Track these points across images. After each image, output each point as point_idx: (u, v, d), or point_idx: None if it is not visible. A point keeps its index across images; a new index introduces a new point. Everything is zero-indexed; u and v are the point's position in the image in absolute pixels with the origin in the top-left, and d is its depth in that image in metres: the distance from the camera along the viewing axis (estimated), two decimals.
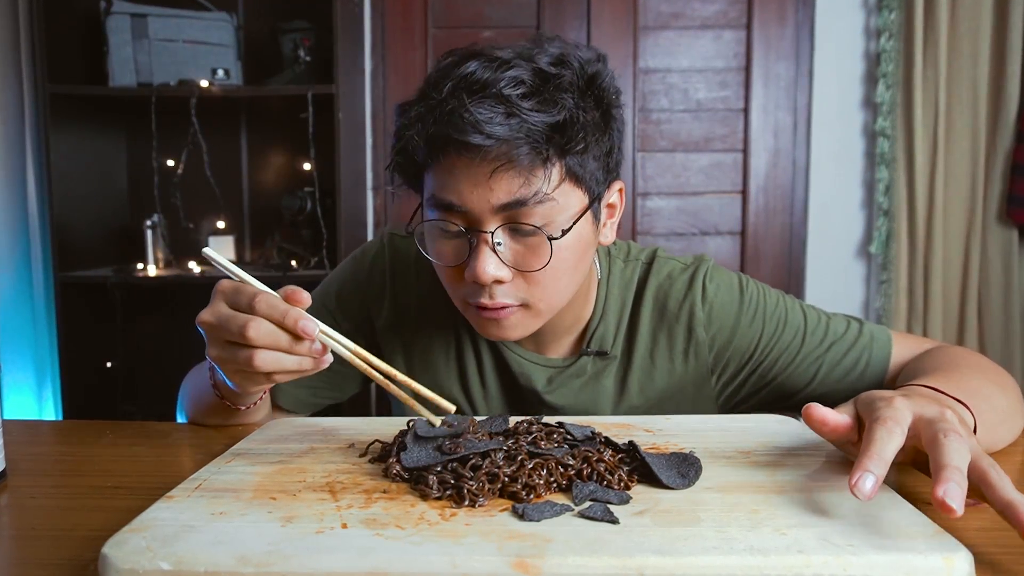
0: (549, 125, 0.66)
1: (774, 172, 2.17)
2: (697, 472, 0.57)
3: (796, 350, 0.84)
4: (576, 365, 0.86)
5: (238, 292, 0.62)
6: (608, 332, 0.86)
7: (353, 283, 0.91)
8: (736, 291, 0.86)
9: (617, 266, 0.88)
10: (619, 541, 0.46)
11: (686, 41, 2.16)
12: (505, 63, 0.67)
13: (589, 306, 0.86)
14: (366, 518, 0.50)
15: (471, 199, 0.69)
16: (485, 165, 0.67)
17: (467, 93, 0.66)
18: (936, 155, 2.00)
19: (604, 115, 0.72)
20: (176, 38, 1.94)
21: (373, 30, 2.17)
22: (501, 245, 0.70)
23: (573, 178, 0.71)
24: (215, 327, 0.62)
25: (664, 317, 0.86)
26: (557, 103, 0.67)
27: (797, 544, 0.45)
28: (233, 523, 0.49)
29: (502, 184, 0.67)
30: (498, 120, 0.65)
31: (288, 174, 2.21)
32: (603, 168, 0.73)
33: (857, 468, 0.47)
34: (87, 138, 2.06)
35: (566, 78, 0.68)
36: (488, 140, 0.65)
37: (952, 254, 2.05)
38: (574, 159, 0.69)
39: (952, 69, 2.00)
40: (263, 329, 0.59)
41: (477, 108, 0.65)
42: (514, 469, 0.55)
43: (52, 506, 0.61)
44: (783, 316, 0.86)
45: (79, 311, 2.00)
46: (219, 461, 0.63)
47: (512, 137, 0.65)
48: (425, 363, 0.88)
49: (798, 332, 0.85)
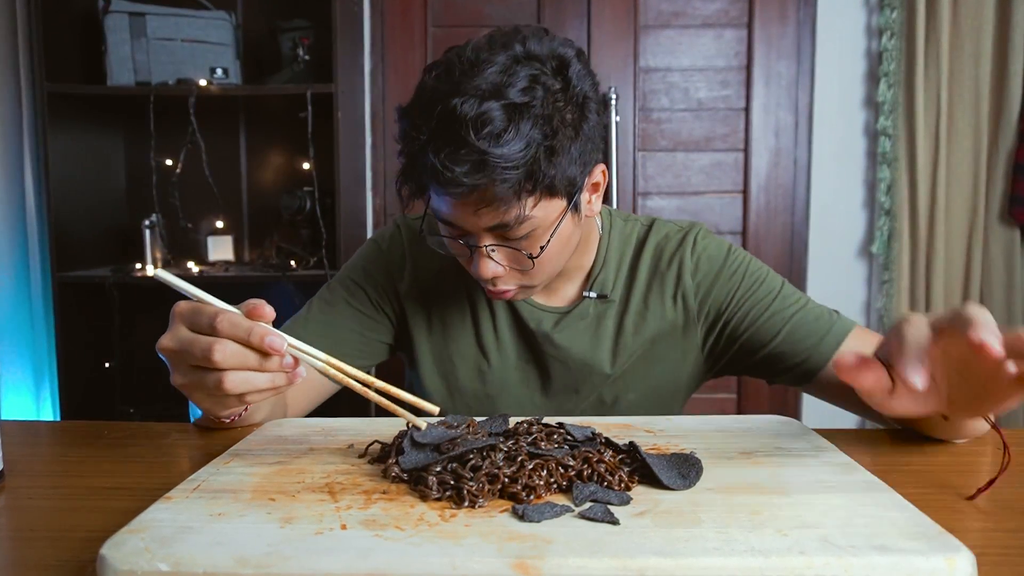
0: (519, 167, 0.72)
1: (775, 172, 2.17)
2: (698, 473, 0.57)
3: (766, 306, 0.92)
4: (580, 308, 0.96)
5: (197, 313, 0.61)
6: (608, 278, 0.96)
7: (376, 257, 1.00)
8: (723, 249, 0.97)
9: (617, 224, 0.99)
10: (620, 542, 0.46)
11: (687, 40, 2.16)
12: (479, 97, 0.71)
13: (591, 256, 0.97)
14: (365, 519, 0.50)
15: (463, 222, 0.79)
16: (469, 203, 0.76)
17: (444, 143, 0.72)
18: (938, 154, 2.00)
19: (579, 112, 0.77)
20: (174, 37, 1.94)
21: (372, 29, 2.17)
22: (495, 252, 0.81)
23: (549, 193, 0.78)
24: (178, 353, 0.61)
25: (658, 267, 0.96)
26: (526, 140, 0.72)
27: (799, 545, 0.45)
28: (232, 524, 0.49)
29: (484, 215, 0.76)
30: (472, 170, 0.71)
31: (287, 173, 2.21)
32: (580, 165, 0.79)
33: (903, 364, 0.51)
34: (85, 137, 2.06)
35: (535, 105, 0.73)
36: (465, 188, 0.73)
37: (954, 254, 2.05)
38: (545, 181, 0.75)
39: (954, 68, 2.00)
40: (229, 350, 0.58)
41: (453, 162, 0.71)
42: (514, 470, 0.55)
43: (50, 507, 0.61)
44: (761, 277, 0.95)
45: (77, 311, 2.00)
46: (218, 462, 0.63)
47: (486, 183, 0.72)
48: (443, 321, 0.98)
49: (771, 292, 0.93)
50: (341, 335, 0.96)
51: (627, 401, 0.97)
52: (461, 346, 0.98)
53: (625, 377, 0.96)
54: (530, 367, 0.98)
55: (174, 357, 0.62)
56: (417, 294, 0.99)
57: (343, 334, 0.96)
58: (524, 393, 0.98)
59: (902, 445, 0.74)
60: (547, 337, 0.96)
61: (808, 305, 0.93)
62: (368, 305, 0.98)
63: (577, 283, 0.98)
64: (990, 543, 0.49)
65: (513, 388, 0.97)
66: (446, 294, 0.98)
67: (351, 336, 0.97)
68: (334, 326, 0.96)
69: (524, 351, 0.98)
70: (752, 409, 2.20)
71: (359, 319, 0.97)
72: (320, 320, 0.96)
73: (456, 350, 0.98)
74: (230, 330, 0.58)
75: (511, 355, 0.97)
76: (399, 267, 0.99)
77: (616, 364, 0.96)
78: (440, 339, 0.98)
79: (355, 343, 0.96)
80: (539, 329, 0.96)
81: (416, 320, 0.98)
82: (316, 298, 1.00)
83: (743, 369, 0.96)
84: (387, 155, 2.20)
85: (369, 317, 0.98)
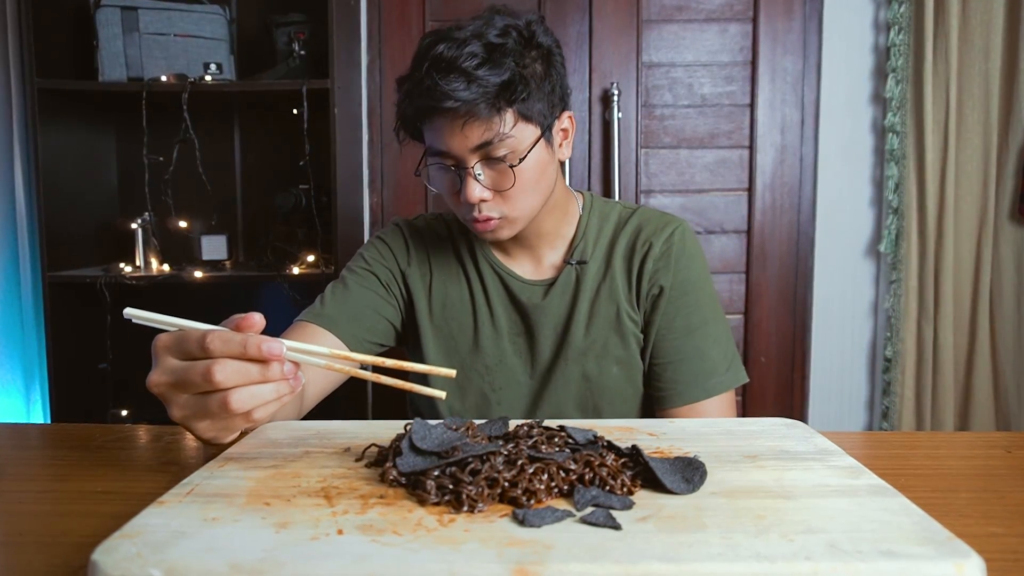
0: (498, 85, 0.90)
1: (781, 169, 2.17)
2: (702, 477, 0.57)
3: (674, 326, 1.03)
4: (563, 276, 1.07)
5: (183, 340, 0.60)
6: (588, 247, 1.08)
7: (383, 247, 1.12)
8: (691, 250, 1.06)
9: (598, 203, 1.12)
10: (622, 548, 0.46)
11: (690, 35, 2.16)
12: (463, 42, 0.90)
13: (570, 228, 1.09)
14: (362, 524, 0.50)
15: (453, 145, 0.93)
16: (458, 120, 0.91)
17: (437, 71, 0.90)
18: (947, 151, 2.00)
19: (545, 63, 0.96)
20: (167, 32, 1.94)
21: (369, 23, 2.17)
22: (480, 175, 0.94)
23: (524, 118, 0.94)
24: (172, 385, 0.61)
25: (635, 246, 1.07)
26: (503, 66, 0.90)
27: (805, 551, 0.45)
28: (226, 529, 0.49)
29: (471, 132, 0.91)
30: (461, 88, 0.89)
31: (282, 171, 2.21)
32: (548, 104, 0.96)
33: None
34: (76, 134, 2.06)
35: (509, 44, 0.91)
36: (456, 104, 0.89)
37: (963, 253, 2.05)
38: (522, 105, 0.92)
39: (963, 63, 2.00)
40: (229, 368, 0.58)
41: (445, 83, 0.89)
42: (514, 474, 0.55)
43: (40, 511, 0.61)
44: (697, 301, 1.04)
45: (69, 312, 2.00)
46: (212, 465, 0.62)
47: (473, 99, 0.89)
48: (443, 303, 1.09)
49: (690, 314, 1.03)
50: (358, 311, 1.06)
51: (604, 376, 1.04)
52: (462, 323, 1.08)
53: (596, 346, 1.05)
54: (521, 339, 1.08)
55: (169, 391, 0.62)
56: (419, 279, 1.10)
57: (360, 310, 1.05)
58: (516, 363, 1.07)
59: (910, 448, 0.74)
60: (537, 307, 1.07)
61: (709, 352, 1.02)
62: (379, 286, 1.08)
63: (560, 252, 1.09)
64: (1000, 548, 0.49)
65: (507, 359, 1.07)
66: (445, 278, 1.10)
67: (367, 312, 1.06)
68: (350, 303, 1.05)
69: (516, 324, 1.08)
70: (757, 412, 2.20)
71: (372, 298, 1.07)
72: (337, 300, 1.05)
73: (456, 327, 1.08)
74: (224, 347, 0.58)
75: (504, 328, 1.08)
76: (403, 255, 1.11)
77: (589, 332, 1.05)
78: (441, 318, 1.09)
79: (371, 319, 1.06)
80: (529, 302, 1.07)
81: (420, 302, 1.09)
82: (328, 288, 1.08)
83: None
84: (384, 152, 2.20)
85: (381, 298, 1.08)
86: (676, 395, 1.02)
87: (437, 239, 1.13)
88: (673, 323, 1.03)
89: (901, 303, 2.07)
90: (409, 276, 1.10)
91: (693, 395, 1.02)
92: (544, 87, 0.95)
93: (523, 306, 1.07)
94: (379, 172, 2.20)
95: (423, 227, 1.14)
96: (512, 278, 1.08)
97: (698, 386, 1.02)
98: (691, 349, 1.03)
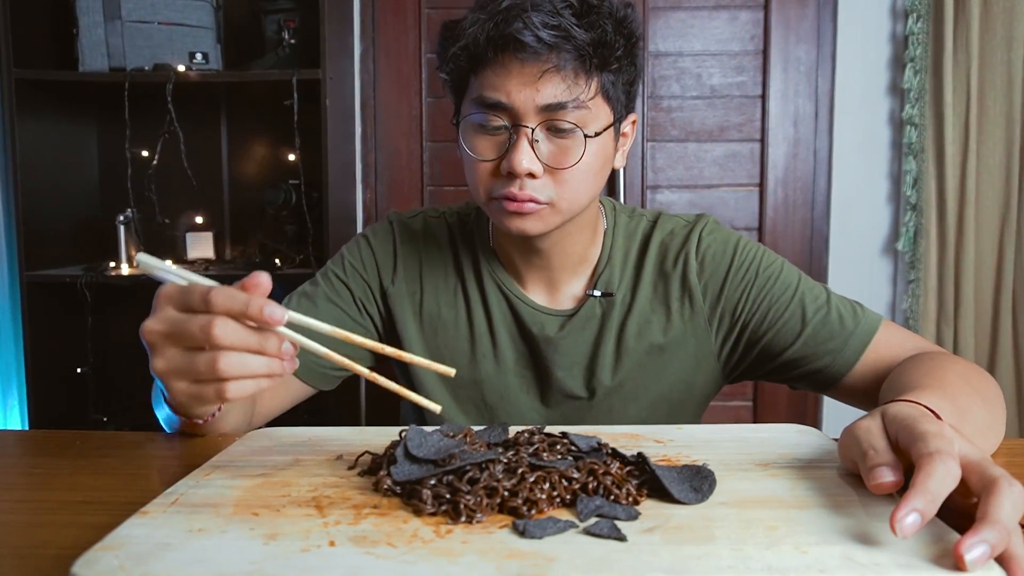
0: (594, 40, 0.81)
1: (794, 164, 2.17)
2: (711, 486, 0.57)
3: (785, 306, 0.92)
4: (584, 309, 0.96)
5: (187, 293, 0.60)
6: (614, 275, 0.97)
7: (364, 254, 1.01)
8: (731, 244, 0.96)
9: (622, 219, 1.01)
10: (627, 560, 0.46)
11: (699, 22, 2.16)
12: None
13: (596, 250, 0.98)
14: (355, 535, 0.50)
15: (518, 97, 0.82)
16: (536, 67, 0.80)
17: (526, 5, 0.79)
18: (968, 145, 2.00)
19: (631, 49, 0.86)
20: (151, 19, 1.93)
21: (363, 11, 2.17)
22: (538, 142, 0.83)
23: (605, 94, 0.85)
24: (167, 335, 0.60)
25: (663, 267, 0.97)
26: (599, 26, 0.81)
27: (819, 563, 0.45)
28: (212, 540, 0.49)
29: (548, 86, 0.81)
30: (551, 29, 0.79)
31: (271, 165, 2.22)
32: (626, 94, 0.88)
33: (905, 503, 0.45)
34: (56, 127, 2.06)
35: (605, 8, 0.83)
36: (542, 45, 0.79)
37: (985, 251, 2.05)
38: (608, 77, 0.84)
39: (985, 52, 2.00)
40: (229, 327, 0.57)
41: (535, 16, 0.79)
42: (514, 483, 0.55)
43: (18, 522, 0.61)
44: (775, 272, 0.94)
45: (47, 313, 2.00)
46: (197, 474, 0.63)
47: (562, 46, 0.80)
48: (434, 323, 0.99)
49: (788, 288, 0.93)
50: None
51: (633, 414, 0.96)
52: (454, 351, 0.98)
53: (627, 387, 0.96)
54: (529, 373, 0.98)
55: (161, 340, 0.61)
56: (407, 296, 0.99)
57: None
58: (525, 401, 0.97)
59: None
60: (550, 342, 0.96)
61: (831, 301, 0.92)
62: (351, 304, 0.99)
63: (582, 280, 0.98)
64: None
65: (513, 396, 0.97)
66: (438, 296, 0.99)
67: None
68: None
69: (524, 356, 0.98)
70: (769, 417, 2.20)
71: (338, 318, 0.97)
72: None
73: (449, 357, 0.97)
74: (226, 302, 0.57)
75: (509, 361, 0.97)
76: (388, 266, 1.00)
77: (617, 372, 0.95)
78: (432, 343, 0.98)
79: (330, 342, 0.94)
80: (542, 334, 0.96)
81: (406, 323, 0.98)
82: (297, 292, 1.00)
83: (761, 375, 0.96)
84: (378, 146, 2.20)
85: (350, 318, 0.98)
86: (841, 359, 0.89)
87: (434, 245, 1.01)
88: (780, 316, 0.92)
89: (920, 304, 2.07)
90: (392, 296, 0.99)
91: (857, 344, 0.89)
92: (628, 73, 0.87)
93: (533, 338, 0.96)
94: (373, 167, 2.20)
95: (419, 229, 1.02)
96: (523, 303, 0.97)
97: (854, 335, 0.89)
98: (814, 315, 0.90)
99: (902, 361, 0.86)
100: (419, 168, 2.18)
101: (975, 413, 0.71)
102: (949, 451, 0.50)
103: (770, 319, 0.92)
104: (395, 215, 1.04)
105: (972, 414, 0.70)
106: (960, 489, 0.51)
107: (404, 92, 2.19)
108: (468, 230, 1.01)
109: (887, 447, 0.55)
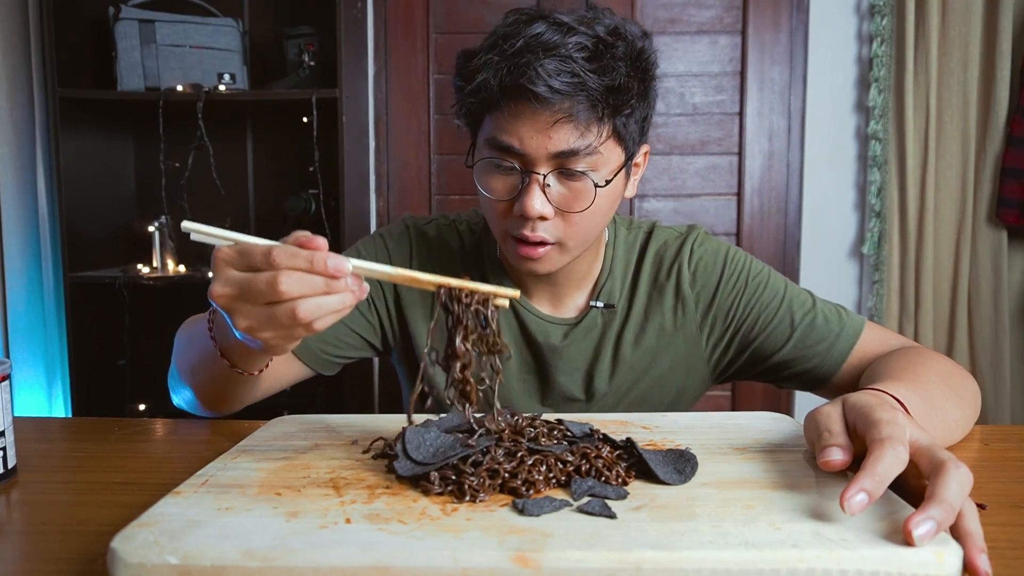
0: (606, 87, 0.75)
1: (768, 175, 2.17)
2: (693, 468, 0.57)
3: (774, 312, 0.90)
4: (587, 319, 0.94)
5: (246, 254, 0.56)
6: (615, 288, 0.94)
7: (382, 252, 0.96)
8: (721, 255, 0.94)
9: (622, 232, 0.98)
10: (617, 536, 0.46)
11: (682, 46, 2.16)
12: (571, 28, 0.75)
13: (599, 264, 0.95)
14: (369, 513, 0.50)
15: (530, 144, 0.77)
16: (548, 115, 0.75)
17: (539, 50, 0.73)
18: (927, 158, 2.00)
19: (646, 86, 0.81)
20: (183, 43, 1.93)
21: (376, 35, 2.17)
22: (550, 187, 0.79)
23: (617, 136, 0.80)
24: (237, 297, 0.56)
25: (658, 278, 0.94)
26: (613, 69, 0.75)
27: (791, 539, 0.45)
28: (239, 518, 0.49)
29: (560, 134, 0.76)
30: (564, 78, 0.73)
31: (293, 176, 2.21)
32: (640, 130, 0.83)
33: (855, 483, 0.46)
34: (96, 141, 2.06)
35: (620, 48, 0.76)
36: (554, 94, 0.73)
37: (943, 255, 2.05)
38: (621, 120, 0.79)
39: (943, 73, 1.99)
40: (294, 279, 0.54)
41: (548, 64, 0.73)
42: (514, 465, 0.55)
43: (61, 501, 0.61)
44: (764, 280, 0.92)
45: (88, 311, 2.00)
46: (225, 457, 0.63)
47: (575, 94, 0.74)
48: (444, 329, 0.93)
49: (776, 295, 0.91)
50: None
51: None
52: None
53: (622, 390, 0.94)
54: (532, 378, 0.95)
55: (233, 302, 0.57)
56: (419, 300, 0.95)
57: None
58: (526, 404, 0.95)
59: None
60: (555, 350, 0.93)
61: (816, 306, 0.90)
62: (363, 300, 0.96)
63: (585, 292, 0.95)
64: None
65: (514, 400, 0.95)
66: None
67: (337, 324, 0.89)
68: None
69: (527, 363, 0.95)
70: (745, 406, 2.20)
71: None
72: None
73: None
74: (289, 260, 0.54)
75: (513, 367, 0.94)
76: (403, 264, 0.96)
77: (614, 377, 0.93)
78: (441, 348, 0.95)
79: (334, 328, 0.90)
80: (547, 342, 0.93)
81: (417, 326, 0.95)
82: None
83: (752, 376, 0.95)
84: (390, 158, 2.19)
85: (358, 310, 0.93)
86: (829, 359, 0.87)
87: (447, 253, 0.98)
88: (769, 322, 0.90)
89: (883, 302, 2.07)
90: (405, 299, 0.95)
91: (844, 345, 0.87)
92: (641, 110, 0.81)
93: (538, 345, 0.93)
94: (385, 177, 2.20)
95: (434, 236, 0.99)
96: (528, 312, 0.94)
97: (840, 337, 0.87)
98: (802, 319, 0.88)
99: (886, 354, 0.84)
100: (427, 179, 2.17)
101: (945, 408, 0.69)
102: (900, 437, 0.50)
103: (760, 324, 0.90)
104: (411, 219, 1.00)
105: (942, 409, 0.69)
106: (913, 472, 0.51)
107: (414, 109, 2.18)
108: (476, 240, 0.98)
109: (842, 431, 0.55)
